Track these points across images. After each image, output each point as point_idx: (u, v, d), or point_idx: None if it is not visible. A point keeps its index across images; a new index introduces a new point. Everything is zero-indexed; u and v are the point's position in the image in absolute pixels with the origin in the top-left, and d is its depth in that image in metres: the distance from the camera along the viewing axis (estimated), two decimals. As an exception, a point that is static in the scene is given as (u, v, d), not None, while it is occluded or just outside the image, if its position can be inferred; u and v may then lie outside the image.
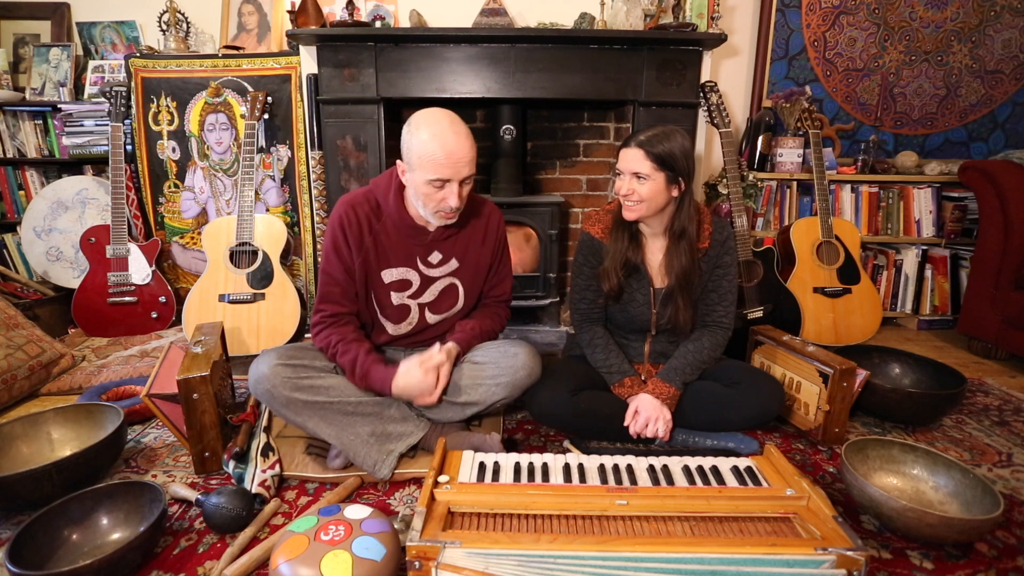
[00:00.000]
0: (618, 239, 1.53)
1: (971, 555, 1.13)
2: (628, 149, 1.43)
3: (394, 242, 1.41)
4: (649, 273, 1.56)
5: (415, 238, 1.41)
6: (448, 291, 1.49)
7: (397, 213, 1.39)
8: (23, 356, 1.88)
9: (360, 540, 0.96)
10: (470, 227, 1.47)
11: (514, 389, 1.42)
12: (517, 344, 1.47)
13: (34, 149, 2.62)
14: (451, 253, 1.46)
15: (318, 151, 2.31)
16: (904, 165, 2.72)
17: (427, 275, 1.45)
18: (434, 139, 1.24)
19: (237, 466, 1.34)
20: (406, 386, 1.34)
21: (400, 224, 1.40)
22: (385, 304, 1.46)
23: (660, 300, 1.56)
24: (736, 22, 2.73)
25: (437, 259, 1.45)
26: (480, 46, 2.15)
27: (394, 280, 1.43)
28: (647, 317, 1.57)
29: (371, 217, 1.39)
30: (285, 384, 1.29)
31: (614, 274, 1.52)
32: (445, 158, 1.24)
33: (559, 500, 1.07)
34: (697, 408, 1.52)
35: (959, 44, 2.76)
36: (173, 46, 2.46)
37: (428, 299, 1.48)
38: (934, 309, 2.74)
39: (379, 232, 1.40)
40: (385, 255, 1.41)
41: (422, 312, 1.49)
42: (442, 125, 1.26)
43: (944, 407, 1.70)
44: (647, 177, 1.41)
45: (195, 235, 2.56)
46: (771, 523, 1.03)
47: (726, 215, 2.37)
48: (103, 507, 1.17)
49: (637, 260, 1.54)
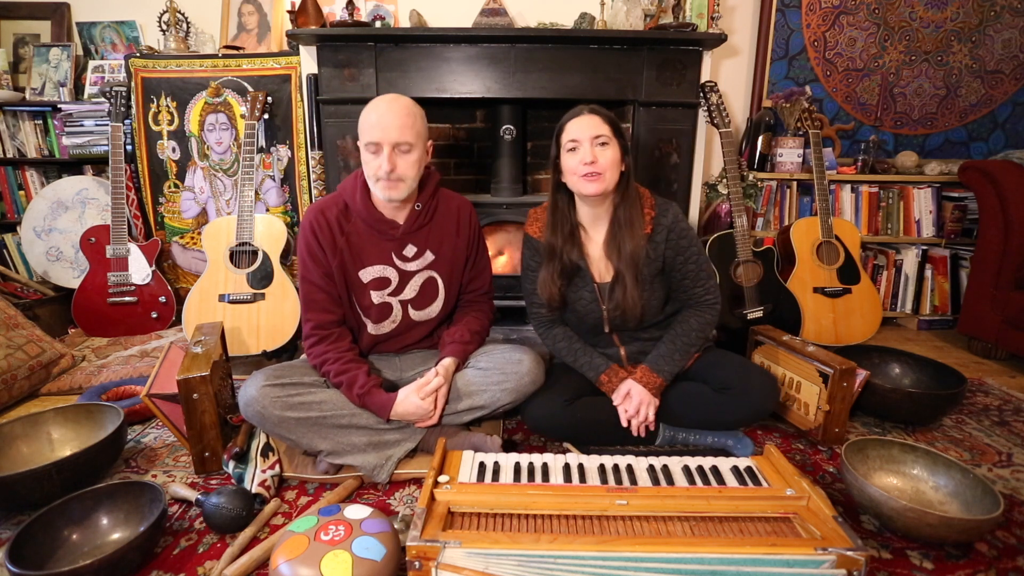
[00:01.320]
0: (554, 237, 1.47)
1: (971, 555, 1.13)
2: (581, 117, 1.39)
3: (366, 240, 1.42)
4: (591, 270, 1.51)
5: (386, 232, 1.42)
6: (428, 285, 1.49)
7: (365, 210, 1.41)
8: (23, 356, 1.88)
9: (360, 540, 0.96)
10: (441, 219, 1.48)
11: (519, 395, 1.43)
12: (521, 350, 1.47)
13: (34, 149, 2.62)
14: (425, 245, 1.46)
15: (318, 151, 2.30)
16: (904, 165, 2.72)
17: (404, 270, 1.46)
18: (368, 109, 1.34)
19: (237, 466, 1.34)
20: (405, 413, 1.36)
21: (369, 220, 1.41)
22: (366, 305, 1.46)
23: (607, 294, 1.50)
24: (736, 22, 2.73)
25: (412, 252, 1.45)
26: (480, 46, 2.15)
27: (373, 279, 1.44)
28: (598, 314, 1.51)
29: (341, 219, 1.41)
30: (275, 404, 1.29)
31: (551, 283, 1.48)
32: (376, 121, 1.30)
33: (559, 500, 1.07)
34: (688, 412, 1.51)
35: (959, 44, 2.76)
36: (173, 46, 2.46)
37: (409, 295, 1.48)
38: (934, 309, 2.74)
39: (351, 233, 1.42)
40: (360, 254, 1.42)
41: (405, 309, 1.49)
42: (381, 100, 1.35)
43: (944, 407, 1.70)
44: (608, 142, 1.38)
45: (195, 235, 2.56)
46: (771, 523, 1.03)
47: (726, 215, 2.37)
48: (103, 507, 1.17)
49: (576, 259, 1.48)
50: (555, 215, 1.49)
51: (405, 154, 1.33)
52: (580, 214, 1.51)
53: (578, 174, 1.38)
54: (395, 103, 1.33)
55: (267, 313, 2.18)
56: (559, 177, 1.46)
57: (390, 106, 1.32)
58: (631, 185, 1.45)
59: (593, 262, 1.52)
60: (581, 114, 1.40)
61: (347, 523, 1.00)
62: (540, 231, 1.53)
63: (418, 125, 1.34)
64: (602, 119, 1.39)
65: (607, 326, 1.54)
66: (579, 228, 1.51)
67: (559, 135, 1.43)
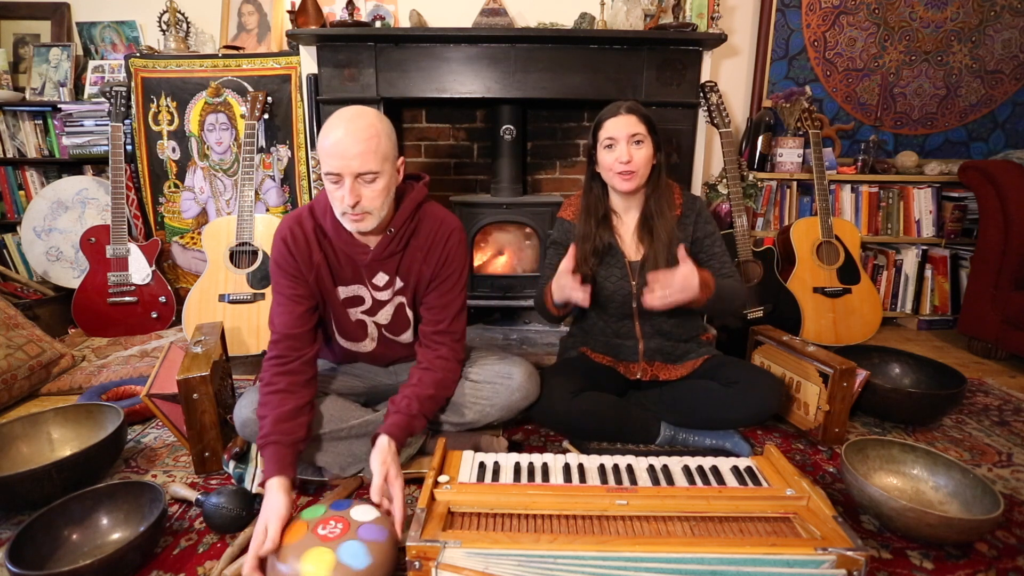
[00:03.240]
0: (588, 221, 1.55)
1: (971, 555, 1.13)
2: (619, 117, 1.46)
3: (341, 259, 1.31)
4: (623, 248, 1.56)
5: (357, 255, 1.30)
6: (399, 312, 1.40)
7: (335, 232, 1.28)
8: (23, 356, 1.88)
9: (349, 544, 0.95)
10: (416, 245, 1.33)
11: (509, 411, 1.42)
12: (513, 363, 1.44)
13: (34, 149, 2.62)
14: (395, 273, 1.34)
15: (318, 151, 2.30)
16: (904, 165, 2.72)
17: (377, 298, 1.36)
18: (324, 130, 1.16)
19: (237, 466, 1.34)
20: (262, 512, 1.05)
21: (340, 241, 1.29)
22: (343, 321, 1.38)
23: (638, 270, 1.55)
24: (736, 22, 2.73)
25: (383, 281, 1.34)
26: (480, 46, 2.15)
27: (348, 296, 1.36)
28: (627, 291, 1.54)
29: (318, 232, 1.29)
30: None
31: (584, 264, 1.52)
32: (331, 148, 1.14)
33: (559, 500, 1.07)
34: (696, 407, 1.51)
35: (959, 44, 2.76)
36: (173, 46, 2.46)
37: (383, 320, 1.40)
38: (934, 309, 2.74)
39: (327, 249, 1.30)
40: (337, 272, 1.32)
41: (380, 331, 1.42)
42: (340, 117, 1.16)
43: (944, 407, 1.70)
44: (643, 140, 1.45)
45: (195, 235, 2.56)
46: (771, 523, 1.03)
47: (726, 215, 2.37)
48: (103, 507, 1.17)
49: (608, 239, 1.55)
50: (588, 200, 1.58)
51: (370, 184, 1.16)
52: (613, 201, 1.59)
53: (614, 171, 1.47)
54: (353, 123, 1.14)
55: (267, 313, 2.17)
56: (594, 168, 1.55)
57: (348, 129, 1.13)
58: (663, 178, 1.54)
59: (624, 243, 1.58)
60: (619, 113, 1.47)
61: (347, 522, 1.00)
62: (574, 215, 1.61)
63: (383, 147, 1.16)
64: (639, 118, 1.46)
65: (635, 302, 1.55)
66: (611, 212, 1.58)
67: (596, 130, 1.50)
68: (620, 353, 1.60)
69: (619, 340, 1.60)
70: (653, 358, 1.59)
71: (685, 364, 1.58)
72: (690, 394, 1.52)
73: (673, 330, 1.58)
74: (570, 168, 2.63)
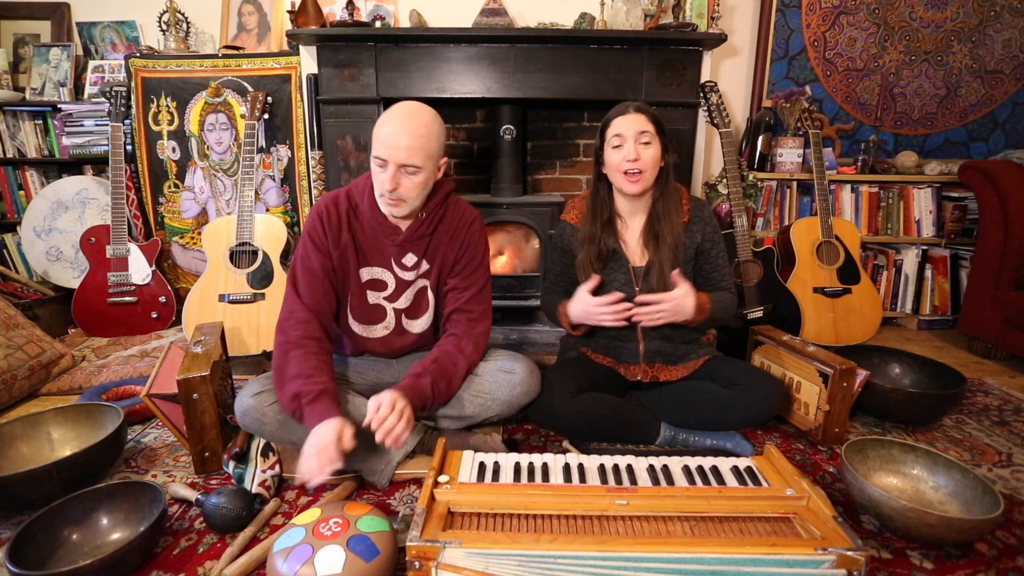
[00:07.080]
0: (593, 223, 1.53)
1: (971, 555, 1.13)
2: (627, 115, 1.45)
3: (371, 240, 1.41)
4: (627, 253, 1.55)
5: (389, 237, 1.40)
6: (420, 294, 1.47)
7: (371, 212, 1.38)
8: (23, 356, 1.88)
9: (355, 538, 0.97)
10: (444, 229, 1.44)
11: (510, 407, 1.42)
12: (515, 360, 1.45)
13: (34, 149, 2.62)
14: (423, 255, 1.44)
15: (318, 151, 2.31)
16: (904, 165, 2.72)
17: (401, 278, 1.44)
18: (384, 119, 1.29)
19: (237, 466, 1.34)
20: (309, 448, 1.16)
21: (373, 222, 1.39)
22: (359, 304, 1.44)
23: (642, 276, 1.54)
24: (736, 22, 2.73)
25: (412, 261, 1.43)
26: (480, 46, 2.15)
27: (371, 279, 1.43)
28: (630, 296, 1.52)
29: (350, 215, 1.40)
30: (272, 408, 1.28)
31: (588, 267, 1.52)
32: (384, 137, 1.26)
33: (559, 500, 1.07)
34: (696, 408, 1.51)
35: (959, 44, 2.75)
36: (173, 46, 2.46)
37: (403, 304, 1.46)
38: (934, 309, 2.74)
39: (357, 231, 1.40)
40: (364, 252, 1.41)
41: (398, 317, 1.47)
42: (399, 110, 1.29)
43: (944, 407, 1.70)
44: (651, 141, 1.43)
45: (195, 235, 2.56)
46: (771, 523, 1.03)
47: (726, 215, 2.37)
48: (103, 507, 1.17)
49: (613, 244, 1.54)
50: (594, 202, 1.56)
51: (411, 175, 1.28)
52: (618, 204, 1.57)
53: (621, 170, 1.45)
54: (411, 120, 1.26)
55: (267, 313, 2.18)
56: (600, 168, 1.53)
57: (404, 123, 1.26)
58: (670, 181, 1.52)
59: (629, 248, 1.56)
60: (627, 111, 1.45)
61: (345, 520, 1.01)
62: (577, 218, 1.61)
63: (431, 146, 1.28)
64: (647, 117, 1.44)
65: None
66: (616, 216, 1.57)
67: (604, 129, 1.50)
68: (620, 354, 1.60)
69: (619, 342, 1.60)
70: (653, 359, 1.59)
71: (686, 365, 1.58)
72: (690, 395, 1.52)
73: (674, 332, 1.58)
74: (570, 168, 2.63)
